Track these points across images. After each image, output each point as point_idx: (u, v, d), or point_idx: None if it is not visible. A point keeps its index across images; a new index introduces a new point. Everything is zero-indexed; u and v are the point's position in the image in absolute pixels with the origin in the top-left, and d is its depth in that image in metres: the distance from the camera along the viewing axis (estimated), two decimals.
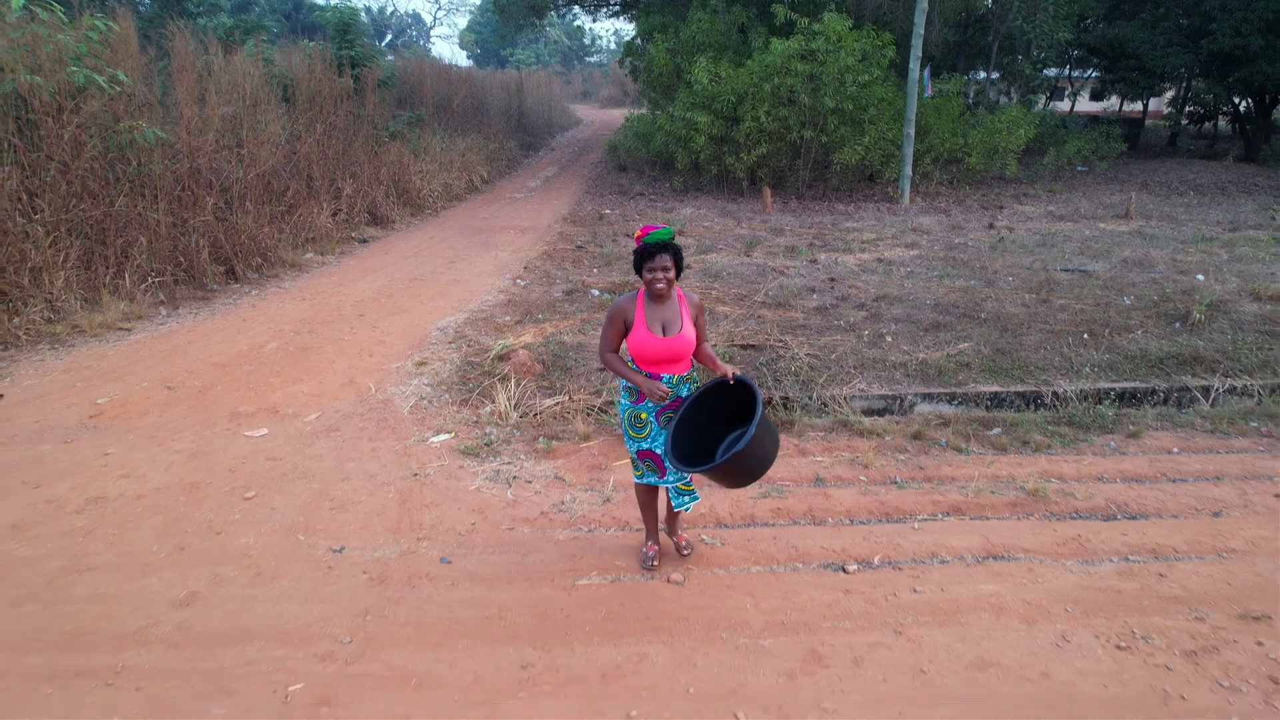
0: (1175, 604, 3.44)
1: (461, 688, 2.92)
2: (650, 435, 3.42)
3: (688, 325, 3.32)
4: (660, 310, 3.31)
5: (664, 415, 3.41)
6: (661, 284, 3.22)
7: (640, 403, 3.40)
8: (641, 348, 3.29)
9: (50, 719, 2.74)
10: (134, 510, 4.11)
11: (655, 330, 3.28)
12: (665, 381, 3.34)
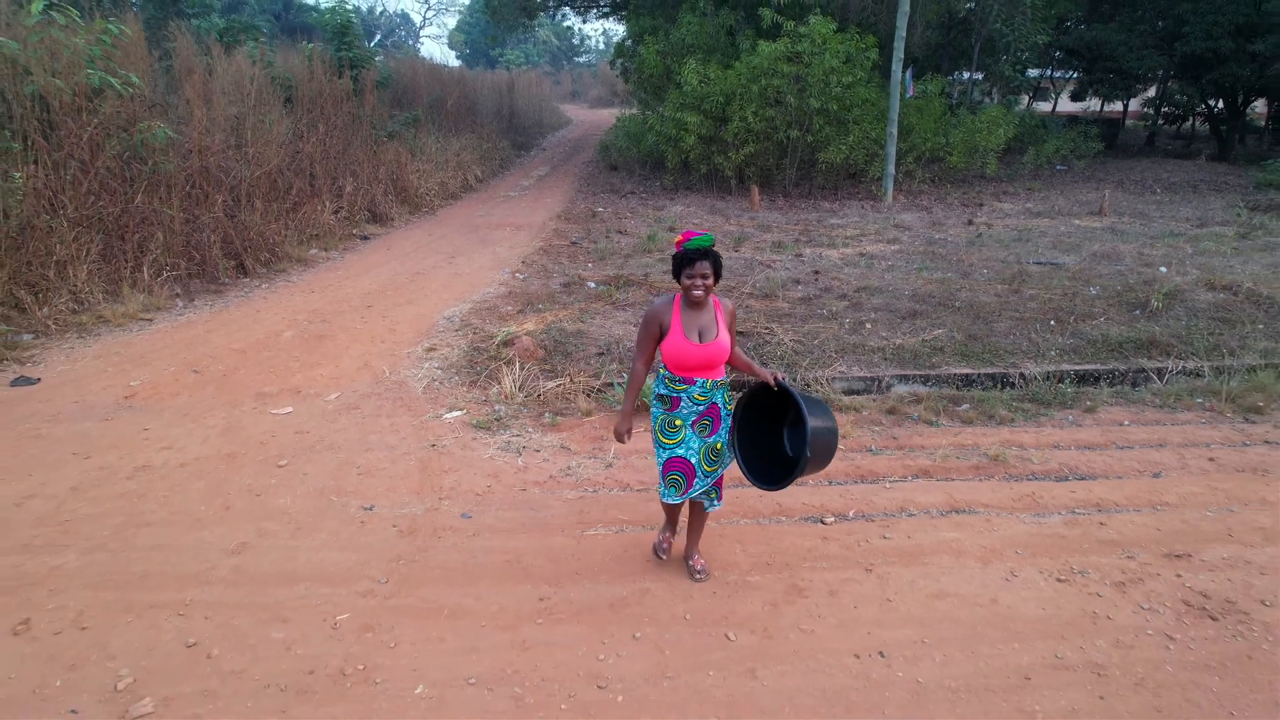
0: (1110, 546, 3.91)
1: (487, 616, 3.36)
2: (684, 441, 3.38)
3: (723, 332, 3.32)
4: (697, 317, 3.29)
5: (700, 423, 3.38)
6: (700, 290, 3.20)
7: (674, 410, 3.37)
8: (678, 354, 3.27)
9: (136, 641, 3.15)
10: (179, 476, 4.53)
11: (692, 337, 3.26)
12: (699, 388, 3.33)
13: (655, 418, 3.43)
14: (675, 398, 3.35)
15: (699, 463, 3.37)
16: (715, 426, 3.39)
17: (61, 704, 2.83)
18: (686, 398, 3.34)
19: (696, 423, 3.36)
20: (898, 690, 2.96)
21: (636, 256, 10.53)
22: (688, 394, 3.33)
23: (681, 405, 3.35)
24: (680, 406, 3.35)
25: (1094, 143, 21.38)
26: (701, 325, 3.28)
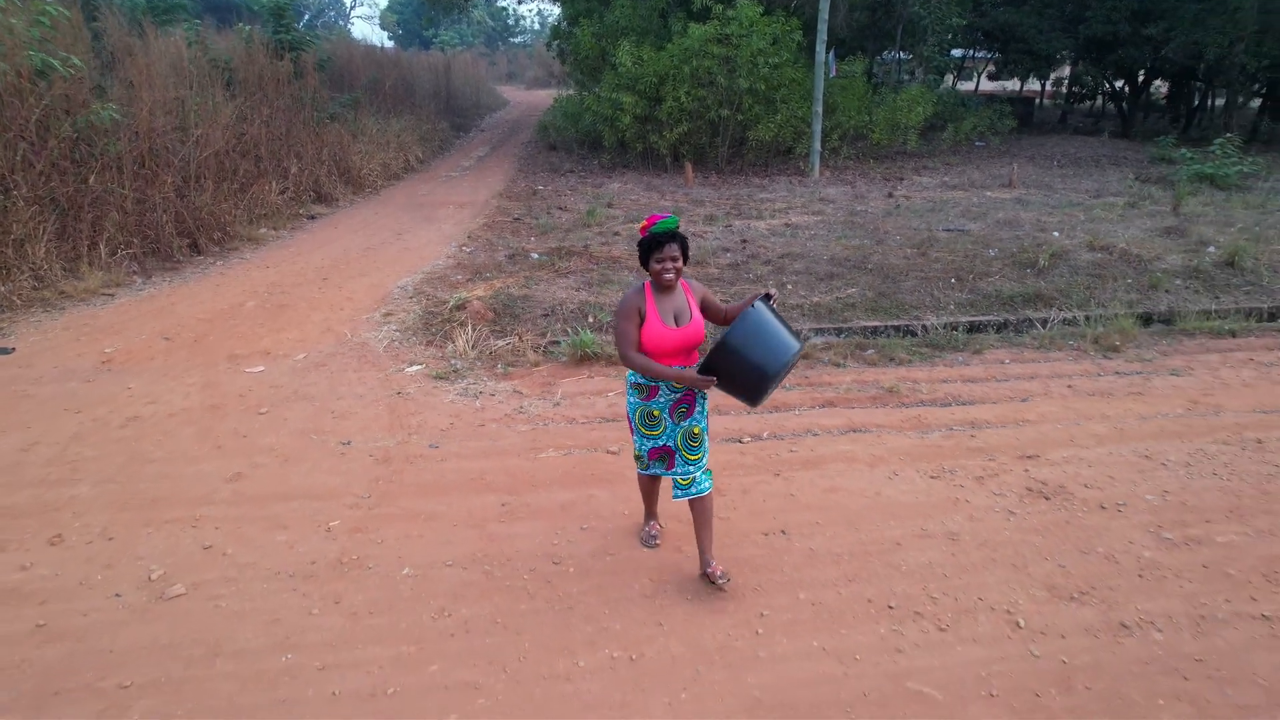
0: (976, 452, 4.74)
1: (458, 518, 4.00)
2: (664, 431, 3.38)
3: (697, 313, 3.32)
4: (669, 301, 3.26)
5: (678, 409, 3.37)
6: (670, 274, 3.17)
7: (651, 400, 3.35)
8: (658, 340, 3.21)
9: (158, 546, 3.71)
10: (170, 424, 5.03)
11: (668, 321, 3.23)
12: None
13: (633, 409, 3.41)
14: (653, 386, 3.34)
15: (678, 447, 3.37)
16: (691, 410, 3.39)
17: (105, 591, 3.39)
18: (663, 385, 3.33)
19: (674, 409, 3.36)
20: (795, 556, 3.70)
21: (576, 230, 11.11)
22: (665, 384, 3.33)
23: (659, 394, 3.34)
24: (658, 395, 3.34)
25: (1008, 120, 22.59)
26: (676, 309, 3.26)
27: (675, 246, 3.16)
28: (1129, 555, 3.72)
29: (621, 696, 2.87)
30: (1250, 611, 3.33)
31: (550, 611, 3.31)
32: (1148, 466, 4.58)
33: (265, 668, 2.98)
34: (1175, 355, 6.66)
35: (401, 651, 3.07)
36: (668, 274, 3.17)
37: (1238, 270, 8.75)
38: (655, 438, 3.38)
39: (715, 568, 3.42)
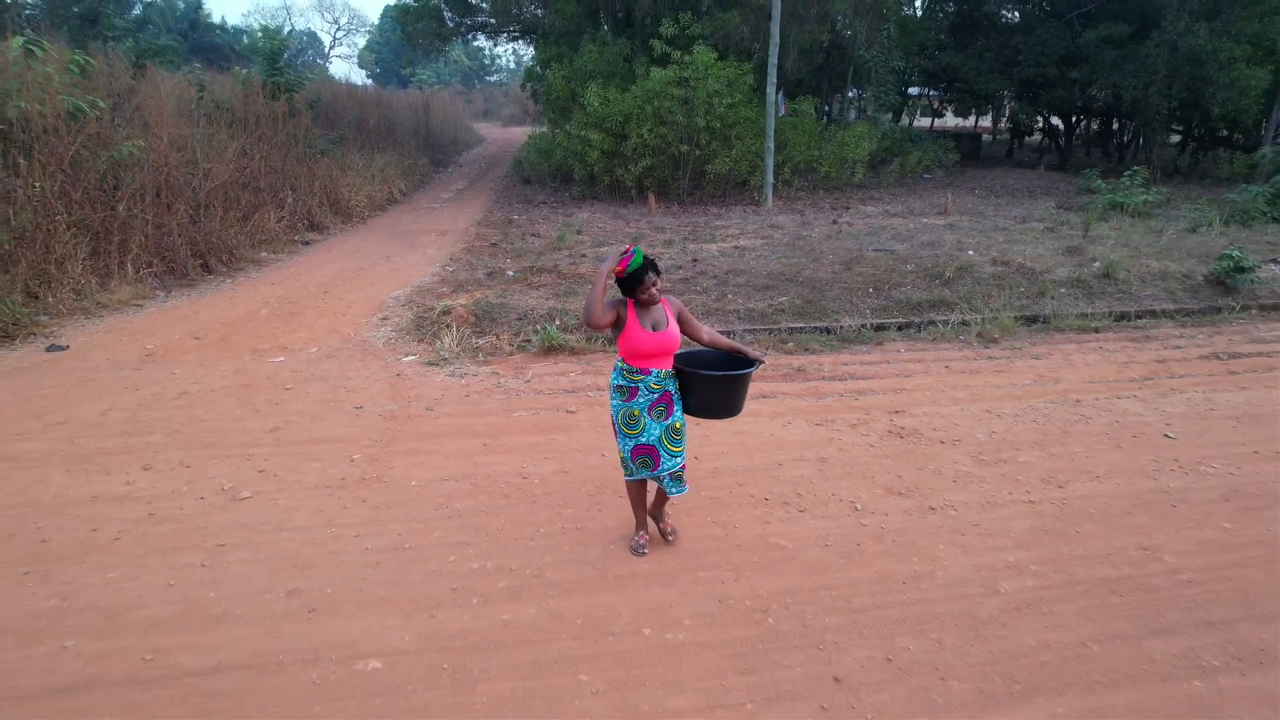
0: (857, 409, 6.07)
1: (450, 453, 5.25)
2: (644, 430, 3.77)
3: (673, 323, 3.78)
4: (649, 313, 3.74)
5: (656, 408, 3.78)
6: (653, 293, 3.68)
7: (631, 400, 3.76)
8: (636, 343, 3.67)
9: (223, 472, 4.92)
10: (213, 397, 6.24)
11: (646, 327, 3.70)
12: (654, 377, 3.74)
13: (615, 411, 3.82)
14: (633, 387, 3.74)
15: (661, 444, 3.78)
16: (670, 409, 3.80)
17: (192, 495, 4.60)
18: (643, 386, 3.74)
19: (653, 408, 3.75)
20: (702, 472, 4.99)
21: (548, 253, 12.43)
22: (644, 383, 3.73)
23: (639, 394, 3.74)
24: (638, 396, 3.74)
25: (952, 154, 24.42)
26: (654, 319, 3.74)
27: (652, 275, 3.66)
28: (950, 469, 5.05)
29: (570, 549, 4.12)
30: (1020, 498, 4.66)
31: (520, 504, 4.57)
32: (986, 417, 5.94)
33: (317, 535, 4.20)
34: (1042, 345, 8.07)
35: (413, 526, 4.31)
36: (652, 294, 3.68)
37: (1113, 280, 10.23)
38: (636, 436, 3.78)
39: (667, 523, 4.21)
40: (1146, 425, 5.82)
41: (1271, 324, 8.91)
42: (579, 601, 3.67)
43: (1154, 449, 5.40)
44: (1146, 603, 3.69)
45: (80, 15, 21.46)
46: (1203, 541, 4.22)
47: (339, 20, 74.76)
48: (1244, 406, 6.18)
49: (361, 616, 3.54)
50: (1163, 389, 6.62)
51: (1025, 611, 3.62)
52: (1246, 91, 19.46)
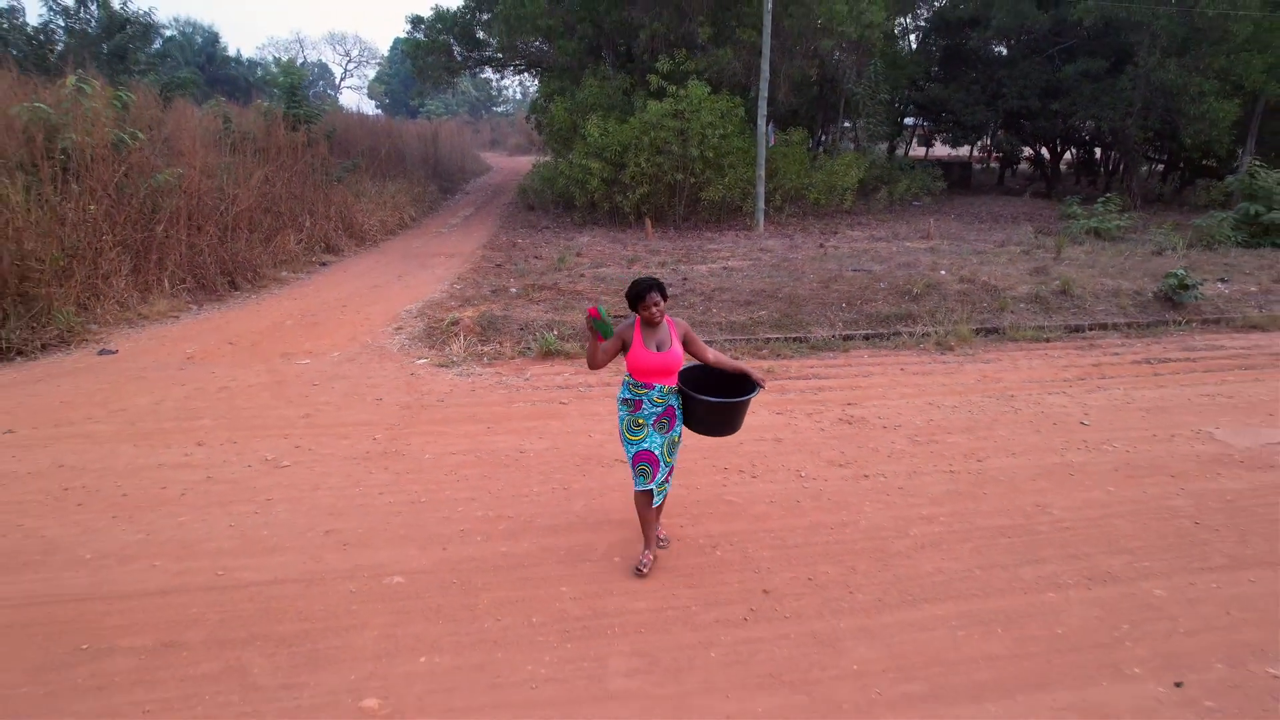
0: (815, 402, 6.91)
1: (458, 434, 6.10)
2: (648, 437, 4.01)
3: (676, 344, 3.99)
4: (654, 333, 3.96)
5: (660, 422, 4.02)
6: (655, 313, 3.90)
7: (638, 411, 4.01)
8: (640, 362, 3.92)
9: (266, 448, 5.78)
10: (250, 391, 7.12)
11: (651, 347, 3.93)
12: (658, 391, 3.98)
13: (621, 419, 4.08)
14: (638, 400, 4.00)
15: (661, 454, 4.01)
16: (672, 424, 4.07)
17: (241, 464, 5.46)
18: (647, 400, 3.99)
19: (657, 421, 4.01)
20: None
21: (549, 273, 13.34)
22: (648, 397, 3.98)
23: (643, 407, 4.00)
24: (642, 408, 4.00)
25: (939, 182, 25.44)
26: (659, 339, 3.96)
27: (656, 294, 3.90)
28: (887, 448, 5.89)
29: (557, 503, 4.96)
30: (942, 469, 5.49)
31: (517, 471, 5.42)
32: (928, 409, 6.78)
33: (348, 493, 5.05)
34: (994, 353, 8.92)
35: (427, 487, 5.16)
36: (654, 313, 3.91)
37: (1069, 296, 11.09)
38: (639, 442, 4.01)
39: (661, 529, 4.46)
40: (1067, 415, 6.65)
41: (1206, 335, 9.75)
42: (563, 539, 4.51)
43: (1068, 433, 6.23)
44: (1028, 542, 4.51)
45: (110, 52, 22.64)
46: (1087, 500, 5.04)
47: (350, 52, 76.75)
48: (1156, 401, 7.01)
49: (386, 548, 4.38)
50: (1091, 387, 7.46)
51: (927, 549, 4.44)
52: (1217, 123, 20.43)
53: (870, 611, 3.85)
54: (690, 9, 19.03)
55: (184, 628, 3.65)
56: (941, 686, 3.32)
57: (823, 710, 3.18)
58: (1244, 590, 4.03)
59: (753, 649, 3.56)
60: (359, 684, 3.29)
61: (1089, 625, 3.74)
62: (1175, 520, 4.78)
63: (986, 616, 3.82)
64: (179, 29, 52.58)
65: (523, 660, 3.46)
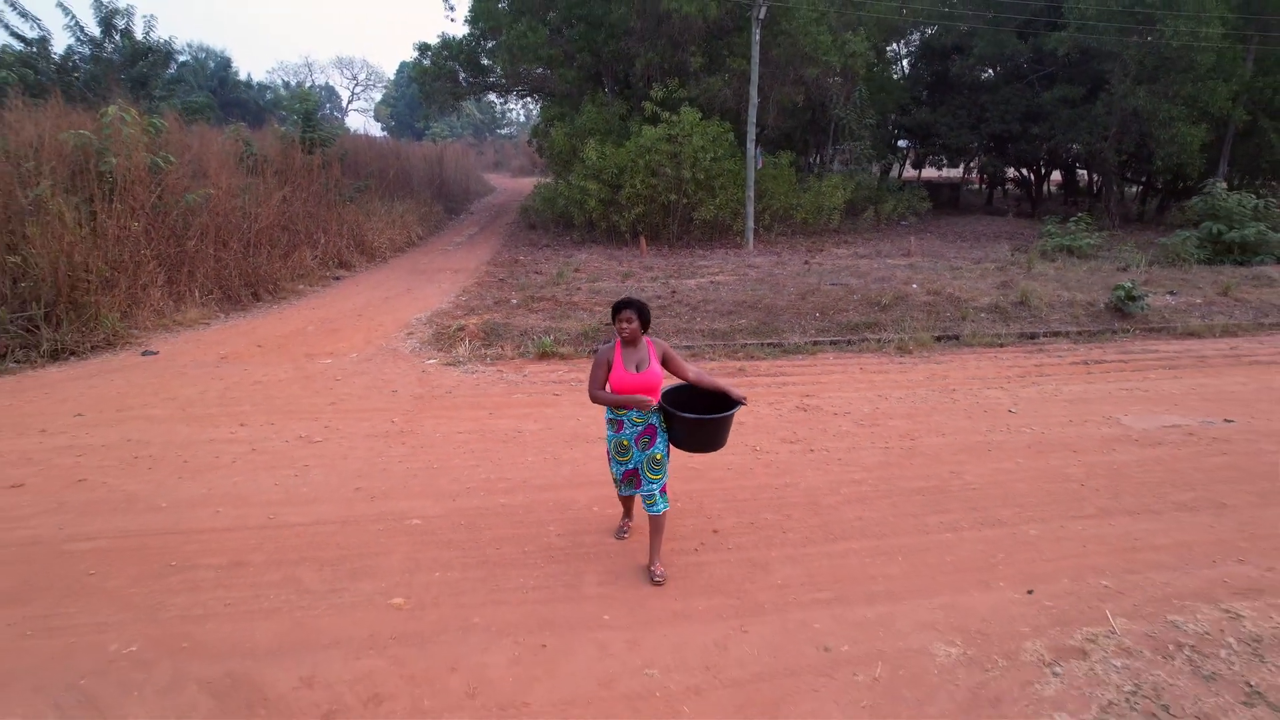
0: (776, 393, 7.85)
1: (464, 418, 7.05)
2: (632, 459, 4.24)
3: (655, 364, 4.15)
4: (633, 353, 4.14)
5: (641, 439, 4.21)
6: (626, 329, 4.07)
7: (620, 432, 4.21)
8: (621, 382, 4.10)
9: (301, 428, 6.72)
10: (281, 384, 8.08)
11: (630, 368, 4.09)
12: (636, 411, 4.17)
13: (609, 440, 4.32)
14: (620, 420, 4.20)
15: (643, 470, 4.23)
16: (653, 441, 4.23)
17: (279, 440, 6.41)
18: (627, 420, 4.19)
19: (639, 439, 4.20)
20: None
21: (548, 287, 14.32)
22: (628, 417, 4.19)
23: (625, 427, 4.19)
24: (624, 429, 4.20)
25: (924, 203, 26.49)
26: (638, 360, 4.14)
27: (630, 311, 4.09)
28: (834, 429, 6.82)
29: (548, 469, 5.90)
30: (878, 446, 6.42)
31: (515, 446, 6.36)
32: (876, 399, 7.72)
33: (372, 461, 6.00)
34: (948, 355, 9.86)
35: (438, 456, 6.10)
36: (624, 330, 4.10)
37: (1027, 307, 12.04)
38: (625, 463, 4.27)
39: (657, 568, 4.35)
40: (999, 404, 7.59)
41: (1147, 341, 10.69)
42: (551, 495, 5.45)
43: (995, 418, 7.17)
44: (938, 499, 5.44)
45: (133, 79, 23.77)
46: (996, 469, 5.97)
47: (357, 76, 78.09)
48: (1080, 394, 7.95)
49: (406, 500, 5.32)
50: (1026, 383, 8.40)
51: (853, 503, 5.37)
52: (1186, 147, 21.46)
53: (797, 545, 4.78)
54: (683, 39, 20.15)
55: (247, 553, 4.59)
56: (845, 594, 4.25)
57: (749, 609, 4.11)
58: (1104, 532, 4.96)
59: (699, 569, 4.49)
60: (388, 589, 4.23)
61: (972, 555, 4.67)
62: (1065, 483, 5.71)
63: (891, 549, 4.74)
64: (192, 54, 54.03)
65: (516, 575, 4.39)
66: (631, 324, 4.11)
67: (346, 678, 3.51)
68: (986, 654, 3.73)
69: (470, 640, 3.80)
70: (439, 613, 4.02)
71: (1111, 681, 3.54)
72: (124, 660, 3.61)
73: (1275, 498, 5.45)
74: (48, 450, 6.14)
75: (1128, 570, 4.48)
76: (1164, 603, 4.16)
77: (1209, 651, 3.74)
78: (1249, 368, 9.05)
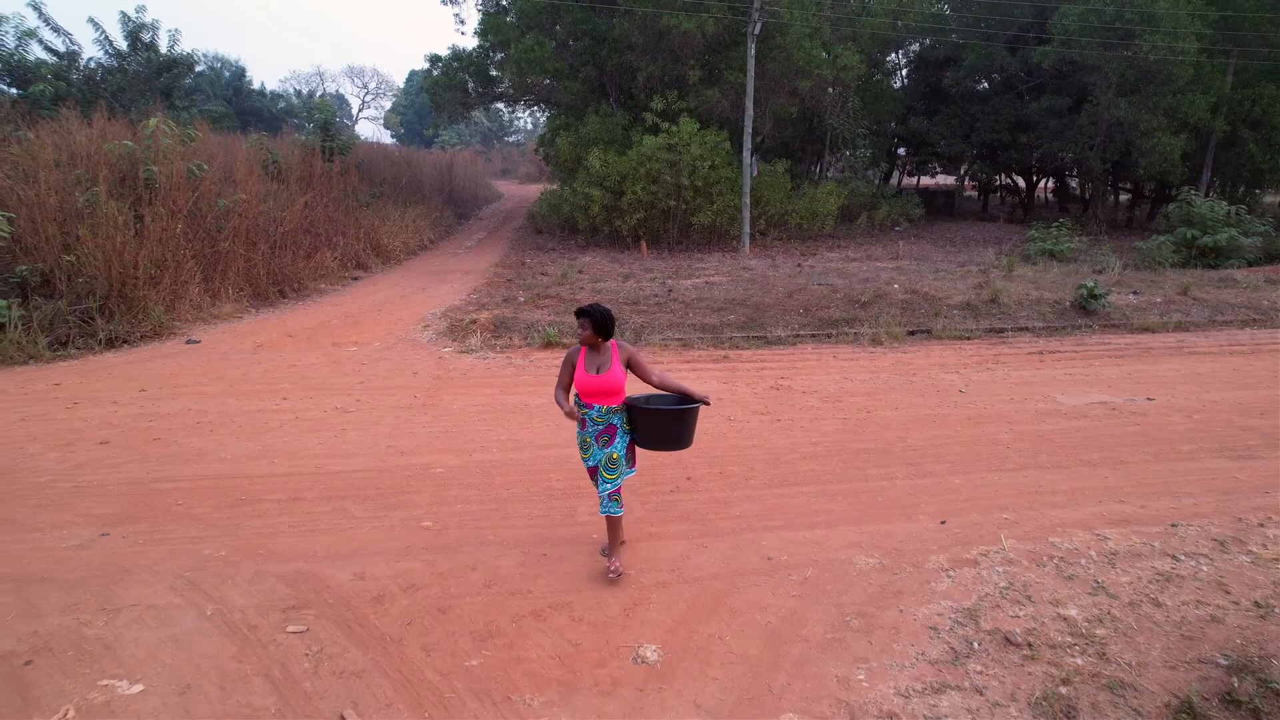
0: (754, 376, 8.81)
1: (478, 394, 8.04)
2: (593, 455, 4.40)
3: (616, 367, 4.28)
4: (595, 357, 4.31)
5: (601, 437, 4.36)
6: (582, 334, 4.27)
7: (583, 430, 4.39)
8: (582, 383, 4.30)
9: (335, 400, 7.72)
10: (313, 368, 9.08)
11: (591, 370, 4.28)
12: (597, 411, 4.32)
13: (578, 437, 4.50)
14: (583, 420, 4.35)
15: (601, 469, 4.39)
16: (612, 440, 4.37)
17: (318, 411, 7.40)
18: (589, 419, 4.35)
19: (599, 438, 4.37)
20: None
21: (553, 287, 15.31)
22: (589, 416, 4.35)
23: (587, 425, 4.37)
24: (586, 427, 4.38)
25: (917, 209, 27.42)
26: (600, 362, 4.31)
27: (585, 319, 4.25)
28: (801, 404, 7.79)
29: (549, 433, 6.87)
30: (838, 417, 7.37)
31: (523, 415, 7.34)
32: (843, 380, 8.68)
33: (400, 426, 6.99)
34: (917, 347, 10.80)
35: (457, 423, 7.09)
36: (581, 334, 4.29)
37: (998, 305, 12.98)
38: (587, 460, 4.46)
39: (612, 564, 4.50)
40: (951, 386, 8.55)
41: (1104, 335, 11.63)
42: (553, 452, 6.43)
43: (945, 397, 8.12)
44: (882, 457, 6.40)
45: (157, 90, 24.93)
46: (937, 435, 6.93)
47: (368, 84, 79.56)
48: (1028, 378, 8.89)
49: (430, 455, 6.31)
50: (982, 369, 9.35)
51: (808, 459, 6.34)
52: (1167, 156, 22.37)
53: (756, 488, 5.75)
54: (683, 54, 21.17)
55: (302, 491, 5.59)
56: (790, 523, 5.21)
57: (710, 532, 5.08)
58: (1016, 481, 5.91)
59: (673, 504, 5.47)
60: (419, 516, 5.22)
61: (901, 497, 5.63)
62: (993, 446, 6.66)
63: (834, 492, 5.71)
64: (209, 64, 55.38)
65: (523, 507, 5.38)
66: (585, 330, 4.28)
67: (389, 574, 4.50)
68: (898, 563, 4.69)
69: (486, 550, 4.78)
70: (460, 532, 5.00)
71: (992, 581, 4.49)
72: (216, 561, 4.60)
73: (1168, 457, 6.40)
74: (123, 417, 7.16)
75: (1027, 508, 5.44)
76: (1049, 529, 5.11)
77: (1073, 561, 4.70)
78: (1186, 357, 9.99)
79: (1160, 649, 3.88)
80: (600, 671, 3.70)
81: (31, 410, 7.33)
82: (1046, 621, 4.09)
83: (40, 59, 22.39)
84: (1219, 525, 5.19)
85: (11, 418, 7.10)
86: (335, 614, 4.11)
